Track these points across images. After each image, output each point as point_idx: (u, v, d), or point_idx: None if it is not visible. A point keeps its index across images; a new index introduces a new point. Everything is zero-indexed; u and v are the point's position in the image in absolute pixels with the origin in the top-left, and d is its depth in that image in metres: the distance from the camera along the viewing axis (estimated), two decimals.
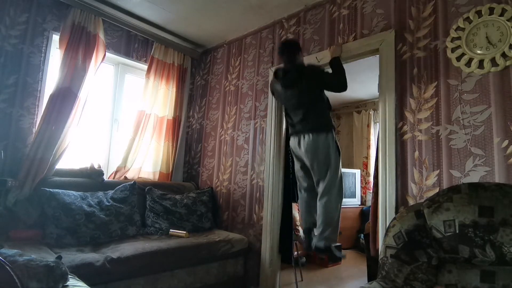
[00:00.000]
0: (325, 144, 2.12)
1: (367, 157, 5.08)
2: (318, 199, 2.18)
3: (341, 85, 2.11)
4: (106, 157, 2.99)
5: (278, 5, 2.63)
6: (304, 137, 2.17)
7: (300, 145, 2.20)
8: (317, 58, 2.44)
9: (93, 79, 2.63)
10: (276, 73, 2.30)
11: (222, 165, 3.13)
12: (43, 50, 2.49)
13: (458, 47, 1.73)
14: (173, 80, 3.28)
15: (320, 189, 2.16)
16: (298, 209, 3.22)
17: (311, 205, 2.29)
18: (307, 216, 2.33)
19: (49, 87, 2.47)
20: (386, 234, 1.41)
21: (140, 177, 3.03)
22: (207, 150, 3.35)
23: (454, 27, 1.76)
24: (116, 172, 2.87)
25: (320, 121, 2.16)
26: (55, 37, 2.55)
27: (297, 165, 2.35)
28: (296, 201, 2.90)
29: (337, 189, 2.16)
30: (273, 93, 2.47)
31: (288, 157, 2.73)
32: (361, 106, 5.23)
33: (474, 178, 1.61)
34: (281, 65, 2.35)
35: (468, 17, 1.71)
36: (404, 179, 1.87)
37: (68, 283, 1.32)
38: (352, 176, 4.79)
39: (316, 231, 2.20)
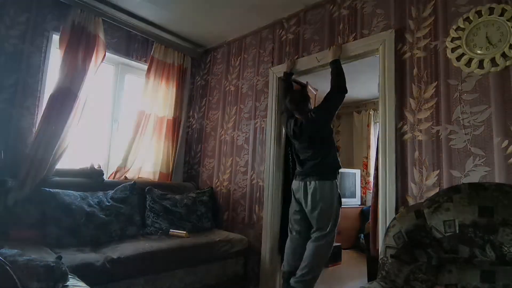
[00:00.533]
0: (330, 195, 2.15)
1: (367, 157, 5.08)
2: (310, 241, 2.18)
3: (341, 91, 2.17)
4: (106, 157, 2.99)
5: (278, 5, 2.63)
6: (310, 183, 2.18)
7: (304, 190, 2.21)
8: (317, 58, 2.44)
9: (93, 79, 2.62)
10: (289, 117, 2.41)
11: (222, 165, 3.13)
12: (43, 50, 2.49)
13: (458, 47, 1.73)
14: (173, 80, 3.28)
15: (316, 234, 2.17)
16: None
17: (299, 249, 2.24)
18: (292, 259, 2.25)
19: (49, 87, 2.47)
20: (386, 234, 1.41)
21: (140, 177, 3.03)
22: (207, 150, 3.35)
23: (454, 27, 1.76)
24: (116, 172, 2.87)
25: (329, 165, 2.20)
26: (55, 37, 2.55)
27: (294, 207, 2.32)
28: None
29: (332, 239, 2.18)
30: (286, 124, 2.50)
31: (288, 157, 2.73)
32: (361, 106, 5.23)
33: (474, 178, 1.61)
34: (291, 109, 2.38)
35: (468, 17, 1.71)
36: (404, 179, 1.87)
37: (68, 283, 1.32)
38: (352, 176, 4.79)
39: (297, 272, 2.14)
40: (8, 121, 2.29)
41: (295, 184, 2.31)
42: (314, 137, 2.21)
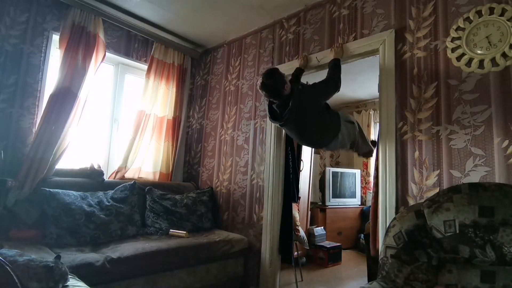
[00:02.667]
0: (348, 136, 2.15)
1: None
2: None
3: (336, 87, 2.04)
4: (106, 157, 2.99)
5: (278, 5, 2.63)
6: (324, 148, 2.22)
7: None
8: (317, 58, 2.44)
9: (93, 79, 2.62)
10: (270, 111, 2.11)
11: (222, 165, 3.13)
12: (43, 50, 2.49)
13: (458, 47, 1.73)
14: (173, 80, 3.28)
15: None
16: (298, 209, 3.22)
17: None
18: None
19: (49, 87, 2.47)
20: (386, 234, 1.41)
21: (140, 177, 3.03)
22: (207, 150, 3.35)
23: (454, 27, 1.76)
24: (116, 172, 2.87)
25: (330, 133, 2.09)
26: (55, 37, 2.55)
27: None
28: (296, 201, 2.90)
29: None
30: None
31: (288, 157, 2.73)
32: (361, 106, 5.23)
33: (474, 178, 1.61)
34: (270, 102, 2.11)
35: (468, 17, 1.71)
36: (404, 179, 1.87)
37: (68, 283, 1.32)
38: (352, 176, 4.79)
39: None
40: (8, 121, 2.29)
41: None
42: (299, 119, 1.97)
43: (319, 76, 2.64)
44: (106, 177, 2.74)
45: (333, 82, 2.05)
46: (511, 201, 1.18)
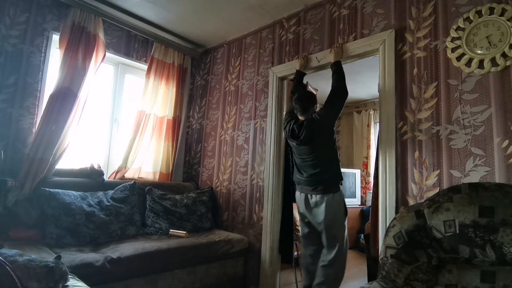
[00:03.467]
0: (334, 208, 2.08)
1: (367, 157, 5.08)
2: (321, 264, 2.10)
3: (344, 95, 2.10)
4: (106, 157, 2.99)
5: (278, 5, 2.63)
6: (311, 197, 2.13)
7: (306, 204, 2.17)
8: (317, 58, 2.44)
9: (93, 79, 2.62)
10: (289, 131, 2.22)
11: (222, 165, 3.13)
12: (43, 50, 2.49)
13: (458, 47, 1.73)
14: (173, 80, 3.28)
15: (325, 257, 2.09)
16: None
17: (312, 269, 2.20)
18: (307, 277, 2.23)
19: (49, 87, 2.47)
20: (386, 234, 1.41)
21: (140, 177, 3.03)
22: (207, 150, 3.35)
23: (454, 27, 1.76)
24: (116, 172, 2.87)
25: (331, 175, 2.11)
26: (55, 37, 2.55)
27: (304, 229, 2.27)
28: (296, 201, 2.89)
29: (343, 257, 2.10)
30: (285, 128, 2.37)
31: (288, 157, 2.72)
32: (361, 106, 5.23)
33: (474, 178, 1.61)
34: (293, 112, 2.27)
35: (468, 17, 1.71)
36: (404, 179, 1.87)
37: (68, 283, 1.32)
38: (352, 176, 4.79)
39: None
40: (8, 121, 2.29)
41: (297, 196, 2.26)
42: (315, 139, 2.07)
43: (319, 76, 2.66)
44: (106, 177, 2.74)
45: (341, 92, 2.11)
46: (511, 201, 1.18)
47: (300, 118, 2.20)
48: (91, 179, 2.54)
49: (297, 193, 2.28)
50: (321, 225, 2.10)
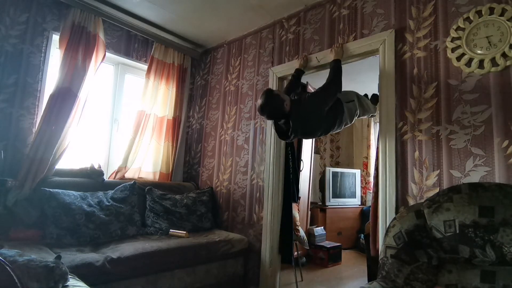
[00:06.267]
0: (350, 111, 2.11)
1: (367, 157, 5.08)
2: None
3: (337, 89, 2.02)
4: (106, 157, 2.99)
5: (278, 5, 2.63)
6: None
7: None
8: (317, 58, 2.44)
9: (93, 79, 2.62)
10: (277, 129, 2.06)
11: (222, 165, 3.13)
12: (43, 50, 2.49)
13: (458, 47, 1.73)
14: (173, 80, 3.28)
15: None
16: (298, 209, 3.21)
17: None
18: None
19: (49, 87, 2.47)
20: (386, 234, 1.41)
21: (140, 177, 3.03)
22: (207, 150, 3.35)
23: (454, 27, 1.76)
24: (116, 172, 2.87)
25: (335, 125, 2.08)
26: (55, 37, 2.55)
27: None
28: (296, 201, 2.90)
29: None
30: None
31: (288, 157, 2.73)
32: None
33: (474, 178, 1.61)
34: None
35: (468, 17, 1.71)
36: (404, 179, 1.87)
37: (68, 283, 1.32)
38: (352, 176, 4.79)
39: None
40: (8, 121, 2.29)
41: None
42: (310, 120, 1.92)
43: (319, 76, 2.66)
44: (106, 177, 2.74)
45: (333, 86, 2.01)
46: (511, 201, 1.18)
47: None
48: (91, 179, 2.54)
49: None
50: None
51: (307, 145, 3.78)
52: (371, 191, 3.08)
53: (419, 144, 1.84)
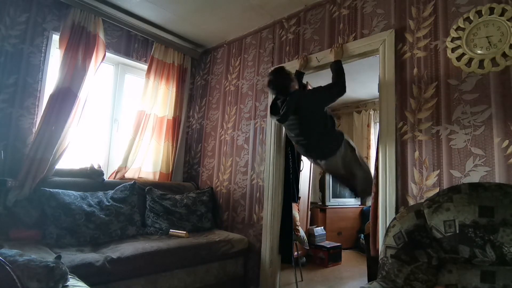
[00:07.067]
0: (344, 160, 2.08)
1: (367, 157, 5.07)
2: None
3: (341, 91, 2.04)
4: (106, 157, 2.99)
5: (278, 5, 2.63)
6: (319, 162, 2.15)
7: (318, 164, 2.21)
8: (317, 58, 2.43)
9: (93, 79, 2.62)
10: (272, 108, 2.13)
11: (222, 165, 3.13)
12: (43, 50, 2.49)
13: (458, 47, 1.73)
14: (173, 80, 3.28)
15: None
16: (298, 209, 3.21)
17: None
18: None
19: (49, 87, 2.47)
20: (386, 234, 1.41)
21: (140, 177, 3.03)
22: (207, 150, 3.35)
23: (454, 27, 1.76)
24: (116, 172, 2.87)
25: (329, 146, 2.06)
26: (55, 37, 2.55)
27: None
28: (296, 201, 2.90)
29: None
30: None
31: (288, 157, 2.72)
32: (361, 106, 5.23)
33: (474, 178, 1.61)
34: (275, 98, 2.16)
35: (468, 17, 1.71)
36: (404, 179, 1.87)
37: (68, 283, 1.32)
38: None
39: None
40: (8, 121, 2.29)
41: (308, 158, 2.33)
42: (302, 111, 1.98)
43: (319, 76, 2.66)
44: (106, 177, 2.74)
45: (339, 86, 2.05)
46: (511, 201, 1.18)
47: (282, 97, 2.09)
48: (91, 179, 2.54)
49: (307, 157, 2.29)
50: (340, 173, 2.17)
51: None
52: (371, 191, 3.07)
53: (419, 144, 1.84)
